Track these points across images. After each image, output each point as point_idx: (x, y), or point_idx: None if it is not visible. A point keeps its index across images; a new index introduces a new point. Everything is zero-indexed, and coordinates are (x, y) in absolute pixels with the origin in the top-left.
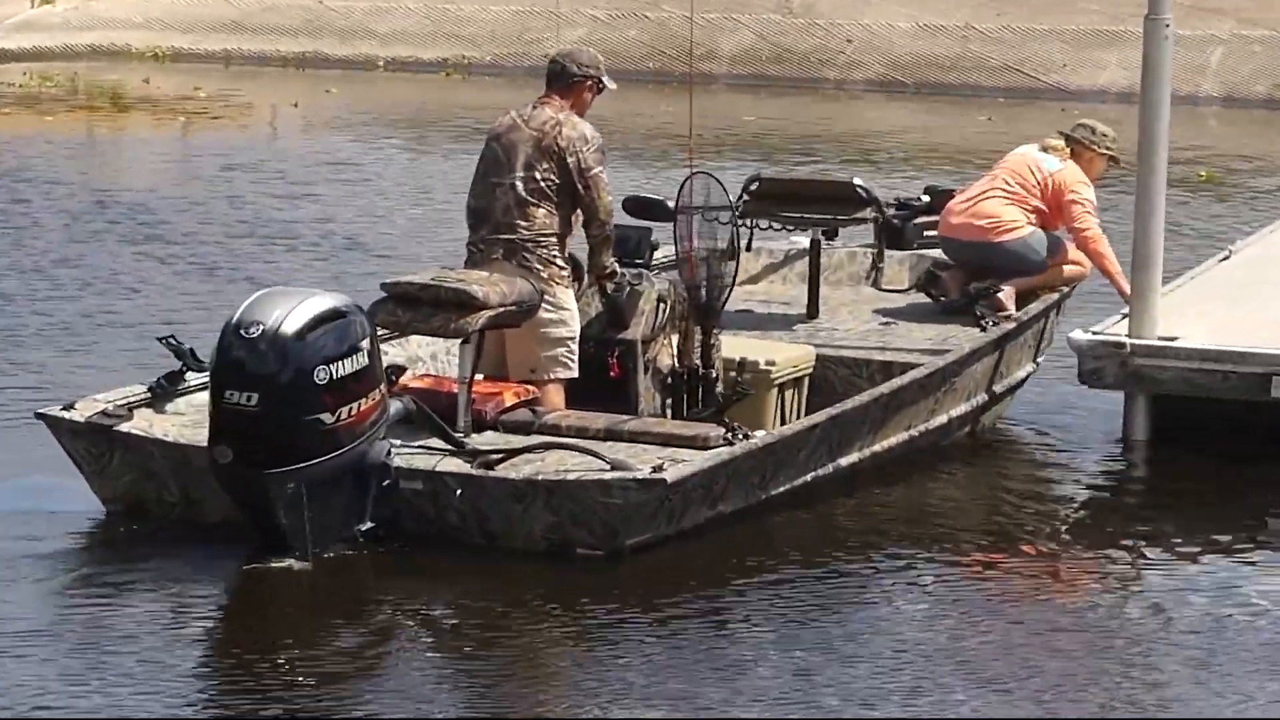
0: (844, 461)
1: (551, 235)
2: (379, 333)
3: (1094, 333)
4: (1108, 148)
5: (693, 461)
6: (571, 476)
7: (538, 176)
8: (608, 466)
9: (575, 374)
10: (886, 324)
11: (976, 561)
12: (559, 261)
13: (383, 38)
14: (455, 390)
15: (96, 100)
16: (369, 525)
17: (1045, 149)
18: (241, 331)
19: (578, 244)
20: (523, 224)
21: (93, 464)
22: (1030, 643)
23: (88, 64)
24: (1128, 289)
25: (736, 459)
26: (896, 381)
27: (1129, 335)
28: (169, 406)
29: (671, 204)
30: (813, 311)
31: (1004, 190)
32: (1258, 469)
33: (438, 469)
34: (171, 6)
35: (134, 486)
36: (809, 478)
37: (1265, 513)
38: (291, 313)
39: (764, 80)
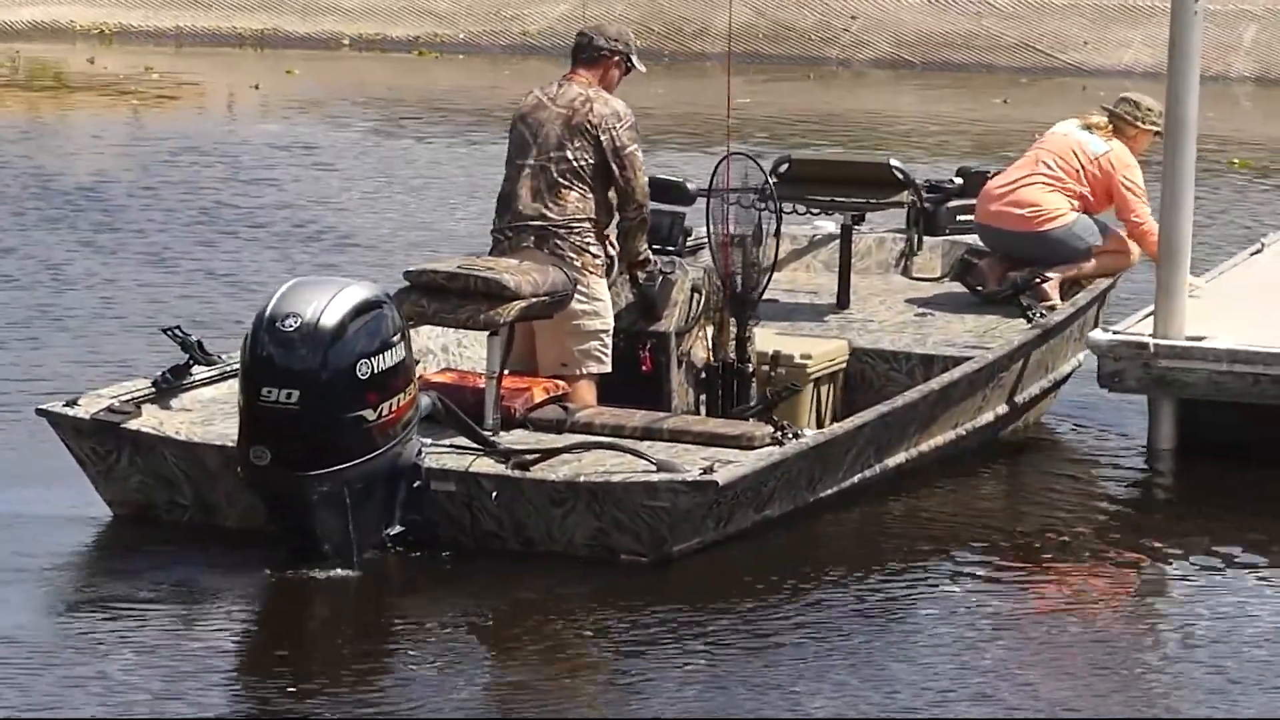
0: (891, 462)
1: (584, 220)
2: None
3: (1115, 332)
4: (1154, 123)
5: (744, 462)
6: (616, 478)
7: (569, 157)
8: (653, 467)
9: (609, 369)
10: (922, 315)
11: (993, 578)
12: (593, 249)
13: (348, 13)
14: (480, 385)
15: (39, 81)
16: (398, 529)
17: (1089, 127)
18: (278, 325)
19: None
20: (553, 209)
21: (99, 464)
22: (1044, 662)
23: (28, 42)
24: (1190, 278)
25: (788, 460)
26: (947, 377)
27: (1153, 335)
28: (174, 402)
29: (691, 186)
30: (843, 301)
31: (1046, 175)
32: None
33: (471, 470)
34: None
35: (143, 489)
36: (856, 479)
37: None
38: (329, 304)
39: (760, 59)
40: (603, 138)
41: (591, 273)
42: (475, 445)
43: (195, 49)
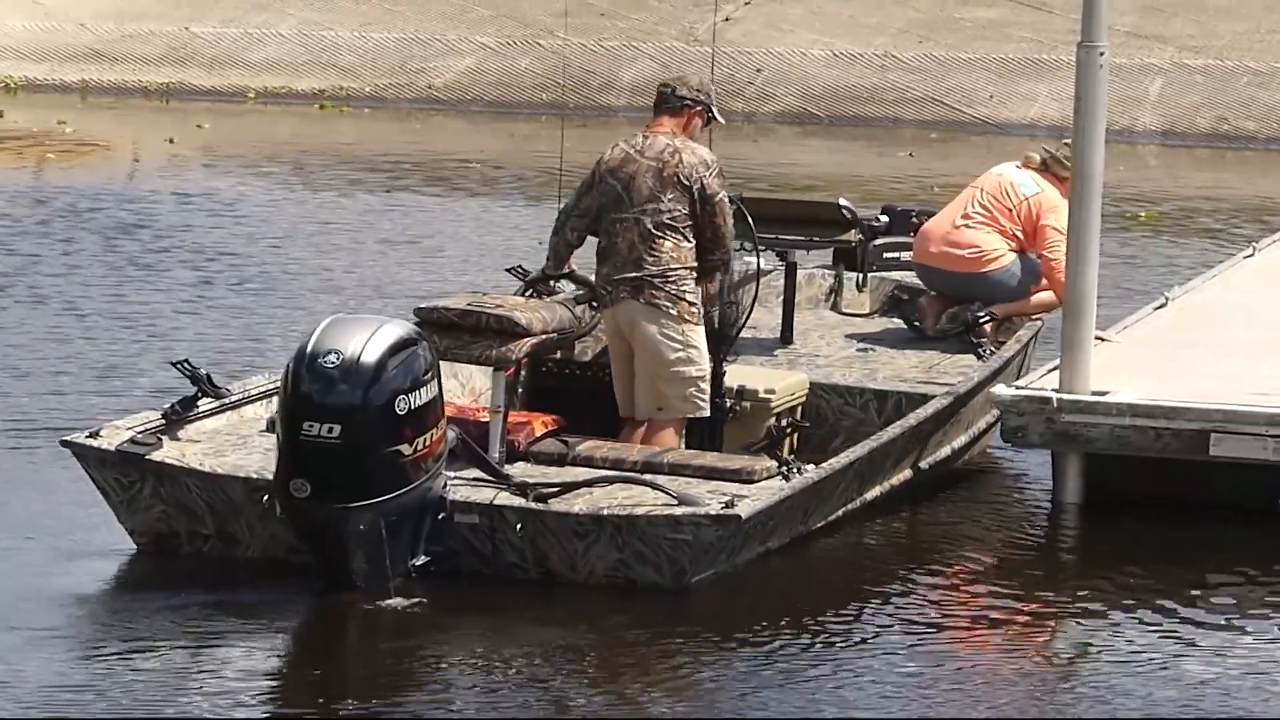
0: (869, 495)
1: (680, 269)
2: None
3: (1018, 386)
4: None
5: (760, 497)
6: (640, 511)
7: (663, 208)
8: (675, 501)
9: (706, 413)
10: (864, 350)
11: (881, 633)
12: (689, 297)
13: (253, 67)
14: (480, 419)
15: None
16: (423, 560)
17: (1026, 167)
18: (319, 361)
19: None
20: (649, 259)
21: (122, 494)
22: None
23: None
24: (1098, 331)
25: (796, 493)
26: (920, 412)
27: (1058, 390)
28: (181, 433)
29: None
30: (787, 337)
31: (982, 215)
32: (1193, 536)
33: (496, 503)
34: (23, 33)
35: (165, 518)
36: (840, 513)
37: (1198, 585)
38: (369, 341)
39: None
40: (694, 187)
41: (687, 320)
42: (492, 479)
43: (101, 101)
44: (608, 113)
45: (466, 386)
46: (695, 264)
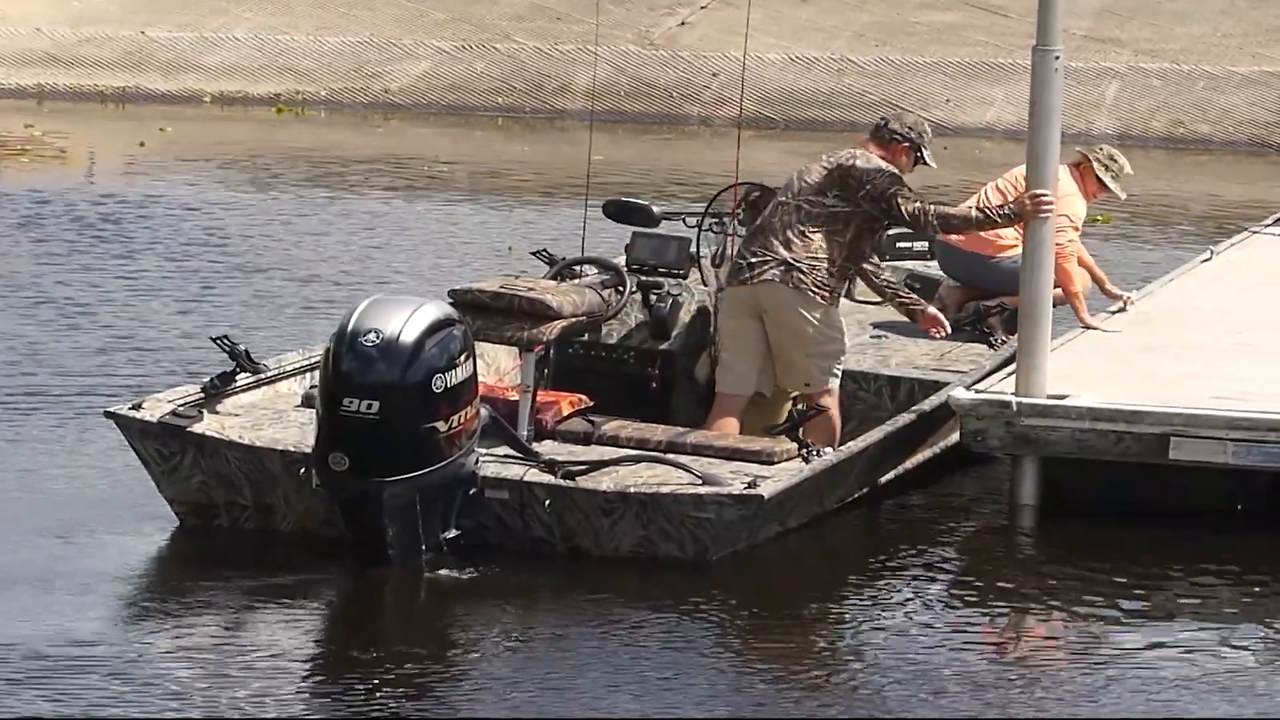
0: (880, 480)
1: (825, 262)
2: None
3: (977, 390)
4: (1111, 173)
5: (781, 478)
6: (665, 490)
7: (825, 202)
8: (699, 480)
9: (836, 384)
10: (877, 337)
11: (838, 631)
12: (831, 284)
13: (210, 71)
14: (509, 398)
15: None
16: (454, 533)
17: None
18: (360, 340)
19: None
20: (798, 245)
21: (162, 464)
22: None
23: None
24: (1087, 317)
25: (816, 475)
26: (933, 400)
27: (1016, 393)
28: (219, 407)
29: (656, 210)
30: None
31: (998, 199)
32: (1151, 541)
33: (525, 479)
34: None
35: (205, 488)
36: (855, 495)
37: (1158, 590)
38: (409, 321)
39: (621, 116)
40: (863, 189)
41: (829, 303)
42: (521, 456)
43: (57, 106)
44: (563, 116)
45: (492, 366)
46: (834, 257)
